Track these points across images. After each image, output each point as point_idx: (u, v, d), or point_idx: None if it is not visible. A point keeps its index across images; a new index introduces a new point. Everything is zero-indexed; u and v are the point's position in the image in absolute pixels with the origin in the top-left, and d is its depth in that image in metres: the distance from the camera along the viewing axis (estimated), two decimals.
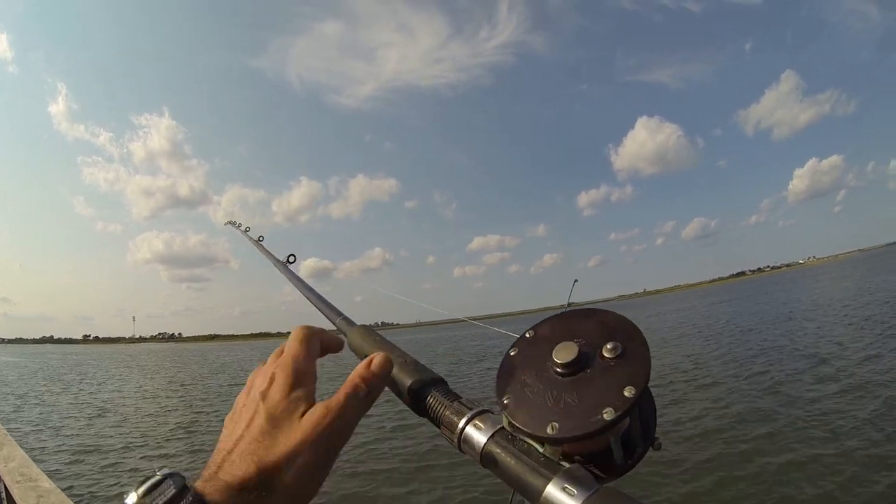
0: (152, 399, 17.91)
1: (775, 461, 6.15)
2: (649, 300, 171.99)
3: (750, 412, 8.36)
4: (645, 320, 39.04)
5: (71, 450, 9.82)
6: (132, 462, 8.85)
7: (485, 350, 29.01)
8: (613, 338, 0.50)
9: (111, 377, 28.91)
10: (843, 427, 6.92)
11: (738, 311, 33.16)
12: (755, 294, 54.59)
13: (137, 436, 11.05)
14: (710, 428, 7.69)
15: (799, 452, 6.30)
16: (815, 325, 18.57)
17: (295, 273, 1.47)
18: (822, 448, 6.35)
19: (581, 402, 0.47)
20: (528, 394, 0.51)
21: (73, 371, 35.29)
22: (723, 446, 6.87)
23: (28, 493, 2.63)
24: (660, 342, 21.07)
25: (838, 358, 11.49)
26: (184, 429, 11.55)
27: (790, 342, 15.22)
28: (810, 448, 6.41)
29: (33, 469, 3.07)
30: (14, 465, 3.11)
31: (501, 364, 0.56)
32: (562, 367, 0.49)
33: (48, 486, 2.77)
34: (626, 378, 0.46)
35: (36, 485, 2.79)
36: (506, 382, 0.53)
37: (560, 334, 0.54)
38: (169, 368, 35.33)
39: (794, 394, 9.15)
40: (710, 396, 9.74)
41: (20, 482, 2.79)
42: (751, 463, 6.16)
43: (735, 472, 6.00)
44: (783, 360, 12.48)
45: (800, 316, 22.70)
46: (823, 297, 32.64)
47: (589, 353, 0.50)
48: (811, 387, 9.50)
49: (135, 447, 9.98)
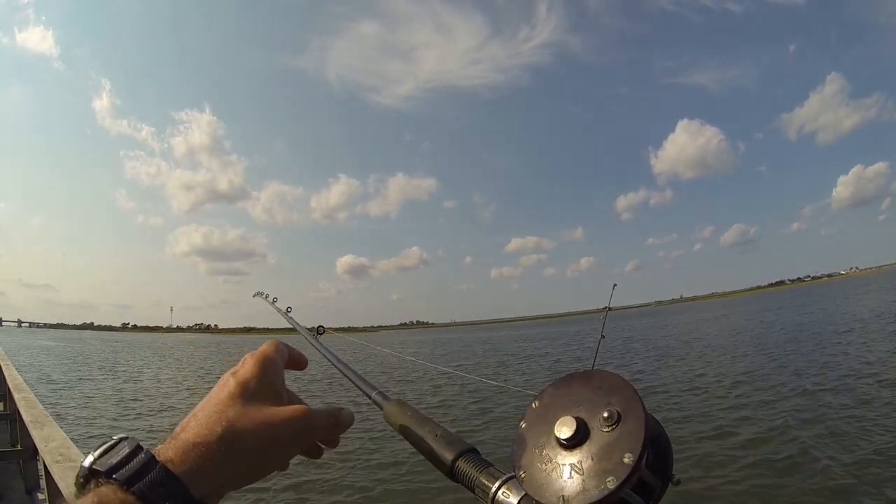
0: (182, 385, 18.37)
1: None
2: (685, 307, 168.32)
3: (771, 432, 8.16)
4: (679, 327, 38.33)
5: (107, 432, 10.14)
6: None
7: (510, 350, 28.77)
8: (610, 402, 0.53)
9: (148, 364, 29.79)
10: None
11: (775, 321, 32.21)
12: (791, 305, 53.00)
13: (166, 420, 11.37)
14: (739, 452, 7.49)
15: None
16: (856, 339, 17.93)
17: (324, 347, 1.48)
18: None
19: (585, 472, 0.49)
20: (539, 466, 0.54)
21: (112, 357, 36.47)
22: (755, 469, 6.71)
23: (68, 472, 2.70)
24: (685, 353, 20.70)
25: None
26: None
27: (825, 356, 14.74)
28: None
29: (73, 449, 3.16)
30: (54, 445, 3.20)
31: (515, 437, 0.59)
32: (564, 441, 0.52)
33: None
34: (623, 445, 0.49)
35: (75, 465, 2.86)
36: (520, 455, 0.56)
37: (561, 403, 0.57)
38: (205, 359, 36.15)
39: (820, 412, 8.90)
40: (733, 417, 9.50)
41: (60, 461, 2.88)
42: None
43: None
44: (811, 374, 12.11)
45: (839, 330, 21.93)
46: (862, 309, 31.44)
47: (587, 424, 0.52)
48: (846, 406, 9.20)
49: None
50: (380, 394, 0.95)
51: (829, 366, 13.16)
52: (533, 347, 32.42)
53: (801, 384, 11.20)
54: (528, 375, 17.33)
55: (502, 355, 27.92)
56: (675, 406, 10.57)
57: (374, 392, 0.97)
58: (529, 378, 16.55)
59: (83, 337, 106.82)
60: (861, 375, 11.38)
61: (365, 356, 22.76)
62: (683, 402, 10.87)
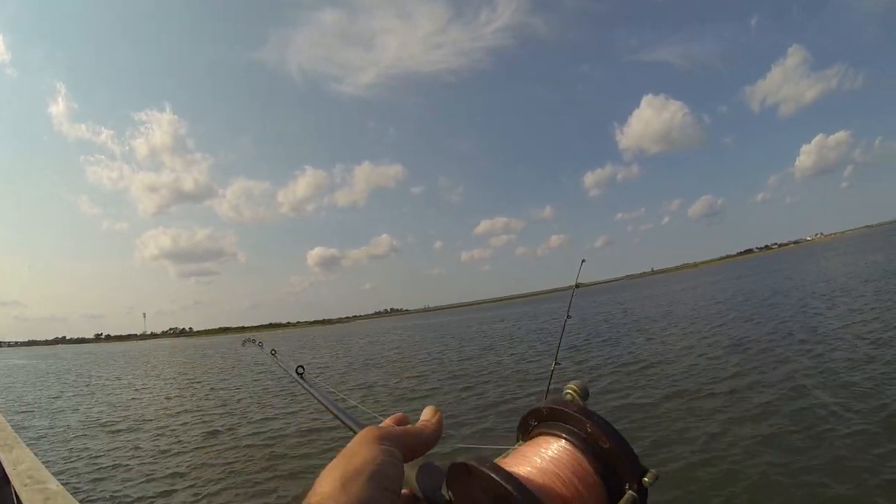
0: (165, 399, 18.06)
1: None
2: (657, 279, 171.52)
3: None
4: (655, 299, 39.04)
5: (84, 454, 9.99)
6: (150, 466, 9.03)
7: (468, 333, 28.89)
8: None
9: (122, 376, 29.22)
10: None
11: (745, 288, 33.12)
12: (762, 272, 54.50)
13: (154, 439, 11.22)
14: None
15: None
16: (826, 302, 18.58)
17: (310, 385, 1.49)
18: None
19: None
20: None
21: (80, 372, 35.69)
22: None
23: (35, 495, 2.69)
24: (667, 325, 21.10)
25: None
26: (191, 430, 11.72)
27: (796, 320, 15.27)
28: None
29: (42, 472, 3.14)
30: (23, 468, 3.18)
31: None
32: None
33: (56, 488, 2.84)
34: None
35: (44, 487, 2.85)
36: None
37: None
38: (182, 365, 35.63)
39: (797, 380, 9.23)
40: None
41: (28, 485, 2.86)
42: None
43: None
44: (788, 339, 12.53)
45: (808, 293, 22.71)
46: (830, 273, 32.58)
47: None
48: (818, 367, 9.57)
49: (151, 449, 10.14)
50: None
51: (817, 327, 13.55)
52: (500, 329, 32.63)
53: (802, 346, 11.44)
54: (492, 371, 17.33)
55: (466, 343, 27.94)
56: (666, 380, 10.41)
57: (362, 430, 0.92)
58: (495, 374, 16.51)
59: (56, 352, 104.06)
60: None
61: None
62: (674, 375, 10.76)
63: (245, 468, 7.96)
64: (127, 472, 8.26)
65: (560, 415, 0.55)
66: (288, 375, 1.68)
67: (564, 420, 0.55)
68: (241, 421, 11.55)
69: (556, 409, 0.55)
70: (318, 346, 43.20)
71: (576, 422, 0.54)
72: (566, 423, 0.55)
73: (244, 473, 7.69)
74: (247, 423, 11.15)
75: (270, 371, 16.96)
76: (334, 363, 24.24)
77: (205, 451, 9.19)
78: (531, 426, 0.58)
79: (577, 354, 15.36)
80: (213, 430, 10.79)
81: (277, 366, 1.88)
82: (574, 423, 0.54)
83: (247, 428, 10.72)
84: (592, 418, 0.53)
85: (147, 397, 17.68)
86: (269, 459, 8.31)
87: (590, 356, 14.77)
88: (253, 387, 17.18)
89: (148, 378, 25.78)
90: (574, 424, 0.54)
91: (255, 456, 8.55)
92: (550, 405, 0.56)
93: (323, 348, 38.21)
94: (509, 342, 23.47)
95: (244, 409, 13.16)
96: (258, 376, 19.79)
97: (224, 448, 9.30)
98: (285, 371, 1.72)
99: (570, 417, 0.54)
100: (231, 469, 7.95)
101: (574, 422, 0.54)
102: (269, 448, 8.96)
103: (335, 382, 15.92)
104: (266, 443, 9.35)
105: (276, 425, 10.59)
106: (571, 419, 0.54)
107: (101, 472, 8.35)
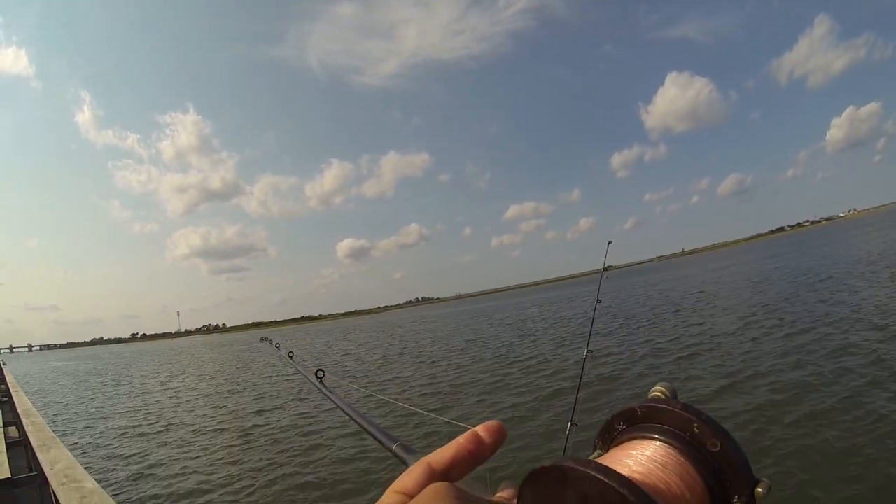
0: (194, 398, 18.50)
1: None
2: (687, 260, 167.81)
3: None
4: (689, 280, 38.32)
5: (117, 454, 10.27)
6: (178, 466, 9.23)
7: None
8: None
9: (155, 373, 30.01)
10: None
11: (778, 268, 32.28)
12: (794, 250, 53.11)
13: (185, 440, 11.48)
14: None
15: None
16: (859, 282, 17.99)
17: (331, 392, 1.41)
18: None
19: None
20: None
21: (122, 370, 36.77)
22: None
23: (72, 493, 2.72)
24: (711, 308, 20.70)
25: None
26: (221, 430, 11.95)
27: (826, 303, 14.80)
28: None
29: (78, 470, 3.18)
30: (60, 468, 3.23)
31: None
32: None
33: (92, 486, 2.87)
34: None
35: (80, 485, 2.88)
36: None
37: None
38: (215, 362, 36.39)
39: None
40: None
41: (65, 483, 2.90)
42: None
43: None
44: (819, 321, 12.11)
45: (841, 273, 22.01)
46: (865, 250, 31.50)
47: None
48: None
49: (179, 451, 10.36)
50: (402, 446, 0.83)
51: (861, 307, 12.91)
52: (535, 314, 32.38)
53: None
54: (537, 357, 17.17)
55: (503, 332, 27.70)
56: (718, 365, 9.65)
57: (395, 445, 0.85)
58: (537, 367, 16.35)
59: (94, 353, 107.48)
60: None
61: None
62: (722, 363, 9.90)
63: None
64: (165, 470, 8.43)
65: (659, 414, 0.45)
66: (307, 381, 1.60)
67: (663, 421, 0.44)
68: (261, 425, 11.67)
69: (655, 407, 0.45)
70: (349, 338, 43.51)
71: (678, 421, 0.43)
72: (665, 424, 0.44)
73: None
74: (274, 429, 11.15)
75: (287, 374, 17.04)
76: (366, 355, 24.31)
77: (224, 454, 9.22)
78: (617, 430, 0.48)
79: (609, 340, 14.90)
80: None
81: (295, 369, 1.81)
82: (676, 424, 0.44)
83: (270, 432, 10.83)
84: (701, 417, 0.43)
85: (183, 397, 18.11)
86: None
87: (626, 342, 14.25)
88: (265, 385, 17.32)
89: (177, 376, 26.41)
90: (676, 425, 0.43)
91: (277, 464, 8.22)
92: (647, 404, 0.46)
93: (352, 341, 38.49)
94: (542, 328, 23.24)
95: (265, 414, 13.30)
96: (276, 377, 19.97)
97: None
98: (304, 375, 1.65)
99: (671, 417, 0.44)
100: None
101: (676, 422, 0.44)
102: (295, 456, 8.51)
103: (367, 381, 15.78)
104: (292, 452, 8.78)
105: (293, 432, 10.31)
106: (673, 419, 0.44)
107: (137, 470, 8.56)
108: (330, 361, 22.96)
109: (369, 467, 7.02)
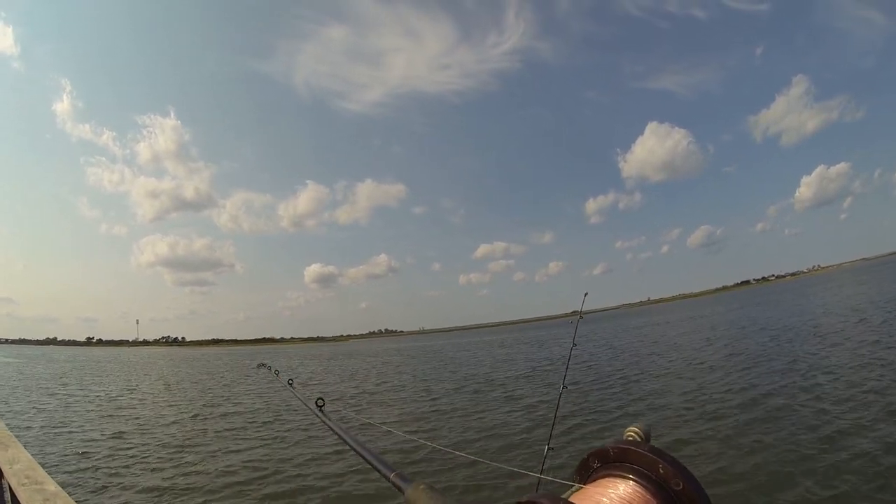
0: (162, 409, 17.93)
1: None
2: (652, 309, 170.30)
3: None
4: (655, 330, 38.88)
5: (76, 454, 9.86)
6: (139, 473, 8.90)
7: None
8: None
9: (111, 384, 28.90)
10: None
11: (739, 318, 33.07)
12: (759, 303, 54.55)
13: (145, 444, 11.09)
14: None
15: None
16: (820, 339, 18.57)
17: (331, 420, 1.45)
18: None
19: None
20: None
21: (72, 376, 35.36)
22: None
23: (34, 495, 2.63)
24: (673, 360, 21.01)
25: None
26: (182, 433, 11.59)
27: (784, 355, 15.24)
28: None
29: (39, 471, 3.07)
30: (19, 468, 3.11)
31: None
32: None
33: (54, 489, 2.77)
34: None
35: (42, 487, 2.78)
36: None
37: None
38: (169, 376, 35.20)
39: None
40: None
41: (25, 484, 2.79)
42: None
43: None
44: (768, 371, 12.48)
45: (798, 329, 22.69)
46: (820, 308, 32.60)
47: None
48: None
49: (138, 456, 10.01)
50: (399, 475, 0.87)
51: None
52: (504, 354, 32.34)
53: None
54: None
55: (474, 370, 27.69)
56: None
57: (392, 473, 0.89)
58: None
59: (46, 353, 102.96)
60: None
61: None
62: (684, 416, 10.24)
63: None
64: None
65: (628, 455, 0.53)
66: (306, 408, 1.64)
67: (632, 461, 0.53)
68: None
69: (624, 448, 0.54)
70: (333, 370, 42.54)
71: (646, 462, 0.52)
72: (634, 463, 0.53)
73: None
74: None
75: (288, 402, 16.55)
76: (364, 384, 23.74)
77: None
78: (592, 468, 0.56)
79: (584, 386, 15.19)
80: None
81: (295, 397, 1.84)
82: (643, 464, 0.52)
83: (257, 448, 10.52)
84: (664, 458, 0.51)
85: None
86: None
87: (601, 388, 14.43)
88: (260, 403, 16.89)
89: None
90: (643, 465, 0.52)
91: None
92: (617, 445, 0.55)
93: (338, 374, 37.63)
94: (518, 368, 23.16)
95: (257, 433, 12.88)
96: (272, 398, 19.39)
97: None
98: (304, 403, 1.68)
99: (639, 458, 0.52)
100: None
101: (644, 462, 0.52)
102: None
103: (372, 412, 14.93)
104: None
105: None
106: (641, 459, 0.52)
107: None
108: (330, 391, 21.98)
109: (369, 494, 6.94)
